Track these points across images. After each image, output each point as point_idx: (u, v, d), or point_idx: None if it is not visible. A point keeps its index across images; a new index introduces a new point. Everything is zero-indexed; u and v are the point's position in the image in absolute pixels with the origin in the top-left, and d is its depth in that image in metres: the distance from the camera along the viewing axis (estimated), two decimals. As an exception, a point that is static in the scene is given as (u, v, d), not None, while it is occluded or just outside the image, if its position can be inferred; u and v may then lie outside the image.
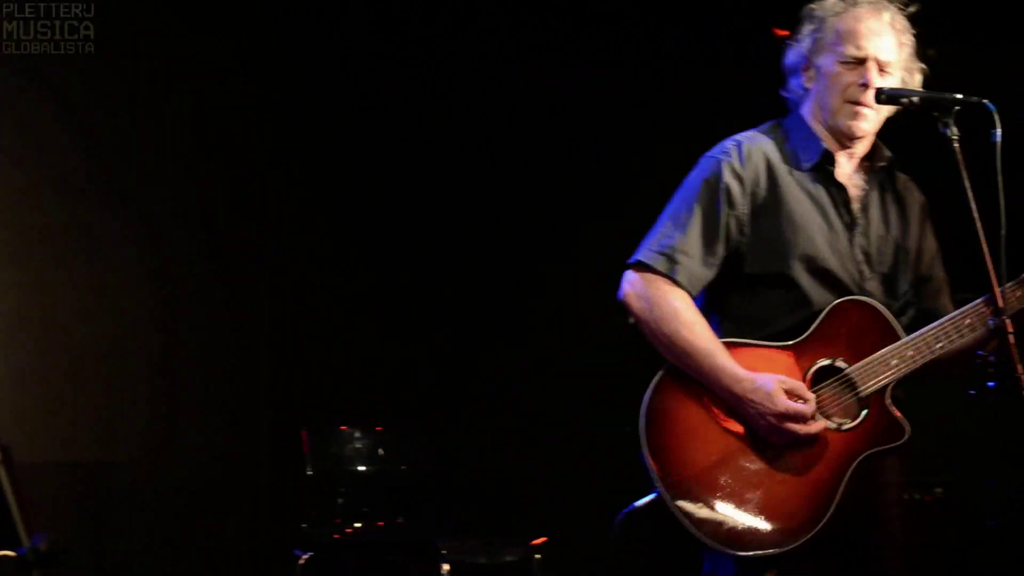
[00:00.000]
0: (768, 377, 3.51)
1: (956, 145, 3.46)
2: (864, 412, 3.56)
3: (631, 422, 3.54)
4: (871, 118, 3.70)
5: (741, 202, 3.64)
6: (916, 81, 3.74)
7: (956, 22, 6.46)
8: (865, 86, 3.66)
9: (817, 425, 3.49)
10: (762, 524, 3.46)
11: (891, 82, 3.67)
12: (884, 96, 3.58)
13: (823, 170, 3.73)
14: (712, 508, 3.45)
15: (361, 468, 6.60)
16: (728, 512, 3.45)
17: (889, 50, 3.71)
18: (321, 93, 6.87)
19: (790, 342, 3.58)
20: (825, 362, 3.58)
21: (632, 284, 3.62)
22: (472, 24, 6.89)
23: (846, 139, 3.74)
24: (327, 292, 6.80)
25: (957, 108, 3.48)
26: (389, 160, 6.90)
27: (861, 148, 3.76)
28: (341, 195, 6.88)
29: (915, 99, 3.56)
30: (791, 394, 3.49)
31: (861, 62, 3.67)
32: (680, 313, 3.55)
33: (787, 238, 3.63)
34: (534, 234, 7.04)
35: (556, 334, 6.99)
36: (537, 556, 6.20)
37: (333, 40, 6.85)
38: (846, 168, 3.76)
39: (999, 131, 3.43)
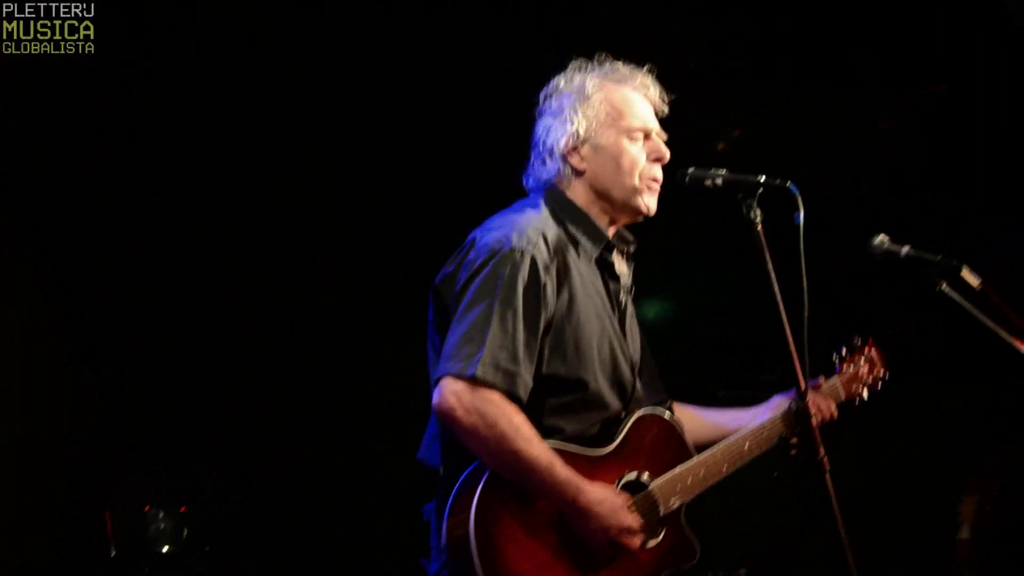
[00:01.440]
0: (609, 490, 3.37)
1: (759, 228, 3.40)
2: (663, 530, 3.49)
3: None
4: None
5: (552, 301, 3.42)
6: None
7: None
8: (659, 160, 3.60)
9: (640, 540, 3.40)
10: None
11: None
12: (688, 178, 3.49)
13: (603, 260, 3.61)
14: None
15: (165, 549, 6.42)
16: None
17: (655, 119, 3.65)
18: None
19: (600, 452, 3.45)
20: (632, 475, 3.48)
21: (459, 397, 3.28)
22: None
23: (631, 218, 3.63)
24: (129, 372, 6.59)
25: (761, 190, 3.42)
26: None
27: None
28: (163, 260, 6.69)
29: (719, 181, 3.45)
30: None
31: (646, 136, 3.59)
32: (520, 429, 3.28)
33: (583, 339, 3.46)
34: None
35: (368, 409, 6.90)
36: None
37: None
38: (616, 256, 3.66)
39: (802, 213, 3.39)
